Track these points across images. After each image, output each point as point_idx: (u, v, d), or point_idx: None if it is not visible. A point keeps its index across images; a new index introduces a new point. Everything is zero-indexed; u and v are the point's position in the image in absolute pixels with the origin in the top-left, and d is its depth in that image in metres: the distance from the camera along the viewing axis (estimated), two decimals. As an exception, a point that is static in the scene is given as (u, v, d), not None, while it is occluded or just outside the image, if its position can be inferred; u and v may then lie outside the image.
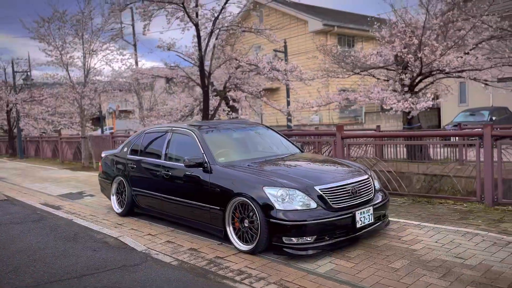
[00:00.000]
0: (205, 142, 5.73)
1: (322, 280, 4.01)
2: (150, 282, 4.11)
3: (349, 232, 4.78)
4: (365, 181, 5.17)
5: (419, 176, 7.50)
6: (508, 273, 3.96)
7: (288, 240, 4.53)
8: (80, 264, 4.73)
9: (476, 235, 5.16)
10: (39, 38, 14.73)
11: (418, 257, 4.49)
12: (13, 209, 8.14)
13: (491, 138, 6.36)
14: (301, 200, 4.61)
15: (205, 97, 10.22)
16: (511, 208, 6.29)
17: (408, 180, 7.57)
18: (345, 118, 27.78)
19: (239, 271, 4.35)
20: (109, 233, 5.98)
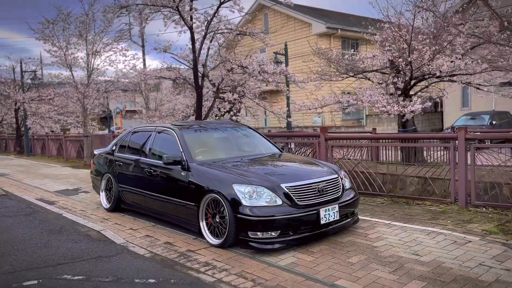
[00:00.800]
0: (185, 141, 6.00)
1: (280, 272, 4.25)
2: (119, 272, 4.38)
3: (313, 228, 5.00)
4: (333, 180, 5.38)
5: (399, 177, 7.68)
6: (456, 269, 4.15)
7: (253, 234, 4.77)
8: (58, 254, 5.02)
9: (440, 234, 5.35)
10: (43, 39, 15.15)
11: (377, 253, 4.70)
12: (9, 203, 8.49)
13: (465, 141, 6.53)
14: (268, 197, 4.85)
15: (198, 99, 10.50)
16: (483, 210, 6.46)
17: (391, 181, 7.75)
18: (348, 120, 27.91)
19: (205, 263, 4.60)
20: (93, 227, 6.27)
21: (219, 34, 11.14)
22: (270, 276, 4.16)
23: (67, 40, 15.79)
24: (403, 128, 13.19)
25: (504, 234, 5.27)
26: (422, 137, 8.30)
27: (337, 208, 5.18)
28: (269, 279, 4.07)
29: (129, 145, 7.18)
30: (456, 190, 6.69)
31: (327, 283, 3.94)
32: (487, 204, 6.47)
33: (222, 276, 4.21)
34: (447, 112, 25.15)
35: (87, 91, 15.97)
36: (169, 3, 9.72)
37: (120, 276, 4.24)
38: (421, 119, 28.46)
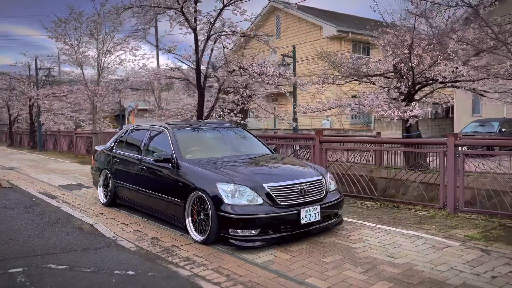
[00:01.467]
0: (176, 139, 6.18)
1: (255, 269, 4.38)
2: (102, 263, 4.57)
3: (294, 228, 5.13)
4: (316, 181, 5.50)
5: (390, 182, 7.74)
6: (426, 272, 4.23)
7: (234, 232, 4.92)
8: (49, 244, 5.24)
9: (421, 238, 5.42)
10: (55, 37, 15.54)
11: (353, 254, 4.80)
12: (12, 195, 8.79)
13: (455, 147, 6.57)
14: (249, 196, 4.99)
15: (200, 99, 10.69)
16: (472, 216, 6.49)
17: (382, 185, 7.82)
18: (357, 124, 27.84)
19: (186, 258, 4.76)
20: (87, 221, 6.49)
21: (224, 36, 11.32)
22: (244, 272, 4.30)
23: (79, 39, 16.14)
24: (407, 133, 13.18)
25: (485, 240, 5.31)
26: (414, 142, 8.33)
27: (319, 209, 5.29)
28: (242, 275, 4.21)
29: (125, 143, 7.40)
30: (445, 196, 6.73)
31: (297, 281, 4.06)
32: (475, 211, 6.50)
33: (199, 270, 4.36)
34: (458, 118, 24.96)
35: (97, 89, 16.31)
36: (173, 4, 9.95)
37: (101, 267, 4.43)
38: (431, 124, 28.30)
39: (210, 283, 4.03)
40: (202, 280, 4.09)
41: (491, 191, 6.44)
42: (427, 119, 28.37)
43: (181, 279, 4.12)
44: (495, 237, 5.44)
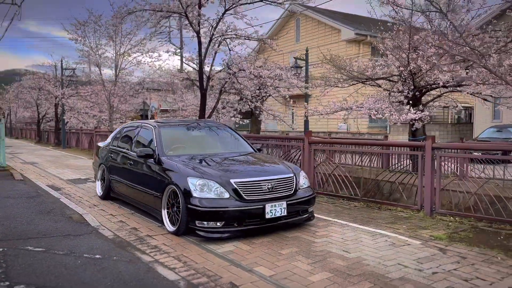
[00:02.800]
0: (160, 137, 6.56)
1: (213, 257, 4.69)
2: (76, 248, 4.98)
3: (259, 222, 5.40)
4: (285, 179, 5.76)
5: (374, 183, 7.87)
6: (371, 265, 4.43)
7: (200, 223, 5.24)
8: (35, 230, 5.71)
9: (385, 236, 5.59)
10: (75, 39, 16.31)
11: (311, 247, 5.04)
12: (21, 187, 9.41)
13: (432, 150, 6.68)
14: (217, 190, 5.31)
15: (202, 99, 11.09)
16: (448, 218, 6.58)
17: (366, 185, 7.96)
18: (374, 127, 27.69)
19: (154, 246, 5.12)
20: (79, 211, 6.96)
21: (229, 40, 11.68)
22: (201, 260, 4.61)
23: (97, 41, 16.88)
24: (413, 137, 13.17)
25: (449, 240, 5.43)
26: (394, 144, 8.43)
27: (285, 205, 5.55)
28: (199, 262, 4.53)
29: (119, 140, 7.86)
30: (422, 197, 6.84)
31: (246, 269, 4.34)
32: (450, 213, 6.58)
33: (161, 257, 4.71)
34: (477, 123, 24.52)
35: (114, 90, 17.00)
36: (178, 9, 10.39)
37: (73, 251, 4.84)
38: (451, 129, 27.81)
39: (166, 268, 4.37)
40: (160, 266, 4.43)
41: (465, 193, 6.51)
42: (447, 124, 27.92)
43: (141, 264, 4.47)
44: (461, 238, 5.55)
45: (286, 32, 32.19)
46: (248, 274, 4.21)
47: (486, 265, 4.52)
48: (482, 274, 4.25)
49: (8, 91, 34.86)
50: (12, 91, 33.30)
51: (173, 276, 4.13)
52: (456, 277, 4.13)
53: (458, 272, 4.27)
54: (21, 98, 33.05)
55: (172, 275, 4.17)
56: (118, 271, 4.23)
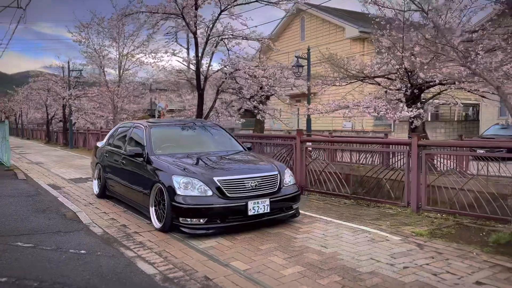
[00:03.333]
0: (150, 136, 6.74)
1: (193, 253, 4.85)
2: (64, 244, 5.18)
3: (242, 219, 5.54)
4: (269, 176, 5.89)
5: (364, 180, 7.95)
6: (344, 260, 4.55)
7: (184, 220, 5.40)
8: (28, 227, 5.93)
9: (366, 232, 5.69)
10: (79, 41, 16.62)
11: (290, 243, 5.16)
12: (22, 186, 9.68)
13: (418, 147, 6.75)
14: (200, 188, 5.46)
15: (200, 99, 11.27)
16: (434, 215, 6.64)
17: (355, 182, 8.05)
18: (379, 125, 27.61)
19: (139, 243, 5.29)
20: (73, 209, 7.17)
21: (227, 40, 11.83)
22: (181, 255, 4.77)
23: (101, 43, 17.16)
24: (413, 134, 13.22)
25: (430, 237, 5.50)
26: (379, 142, 8.48)
27: (268, 202, 5.68)
28: (178, 257, 4.69)
29: (114, 139, 8.06)
30: (409, 194, 6.91)
31: (223, 263, 4.49)
32: (436, 210, 6.65)
33: (143, 253, 4.88)
34: (484, 120, 24.35)
35: (117, 90, 17.28)
36: (175, 10, 10.57)
37: (61, 247, 5.03)
38: (457, 126, 27.63)
39: (146, 262, 4.53)
40: (141, 261, 4.60)
41: (450, 190, 6.56)
42: (453, 121, 27.74)
43: (122, 259, 4.65)
44: (442, 234, 5.62)
45: (291, 31, 32.25)
46: (223, 268, 4.35)
47: (460, 260, 4.60)
48: (453, 268, 4.33)
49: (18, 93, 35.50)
50: (22, 93, 33.92)
51: (151, 270, 4.29)
52: (426, 271, 4.22)
53: (430, 267, 4.36)
54: (31, 99, 33.67)
55: (150, 269, 4.33)
56: (98, 265, 4.41)
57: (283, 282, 3.98)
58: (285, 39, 32.63)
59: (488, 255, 4.74)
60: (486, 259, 4.61)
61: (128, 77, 18.41)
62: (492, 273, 4.22)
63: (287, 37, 32.53)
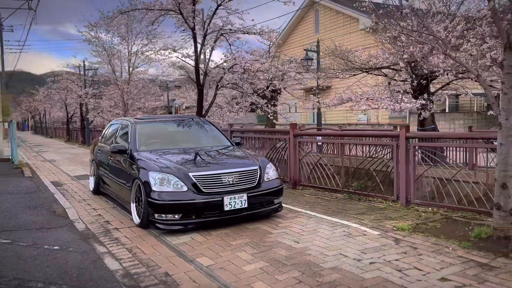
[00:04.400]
0: (135, 132, 6.78)
1: (163, 249, 4.86)
2: (42, 239, 5.27)
3: (219, 214, 5.51)
4: (247, 171, 5.84)
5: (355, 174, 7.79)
6: (312, 255, 4.46)
7: (159, 216, 5.41)
8: (13, 223, 6.06)
9: (345, 227, 5.57)
10: (88, 40, 16.89)
11: (264, 238, 5.11)
12: (25, 183, 9.93)
13: (406, 140, 6.56)
14: (175, 184, 5.46)
15: (200, 94, 11.27)
16: (421, 208, 6.45)
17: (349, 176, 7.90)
18: (396, 118, 27.04)
19: (115, 239, 5.33)
20: (65, 205, 7.31)
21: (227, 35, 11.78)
22: (151, 251, 4.79)
23: (110, 41, 17.39)
24: (421, 127, 12.89)
25: (411, 231, 5.34)
26: (369, 134, 8.27)
27: (246, 197, 5.63)
28: (147, 254, 4.70)
29: (106, 136, 8.16)
30: (398, 188, 6.74)
31: (189, 259, 4.48)
32: (425, 203, 6.46)
33: (115, 248, 4.91)
34: (504, 110, 23.48)
35: (127, 88, 17.49)
36: (173, 6, 10.59)
37: (37, 242, 5.13)
38: (477, 118, 26.77)
39: (113, 258, 4.57)
40: (109, 257, 4.63)
41: (439, 184, 6.35)
42: (473, 112, 26.89)
43: (92, 255, 4.69)
44: (426, 229, 5.44)
45: (305, 23, 31.91)
46: (187, 264, 4.34)
47: (434, 255, 4.44)
48: (422, 264, 4.19)
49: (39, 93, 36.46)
50: (43, 92, 34.82)
51: (115, 266, 4.32)
52: (391, 267, 4.10)
53: (398, 263, 4.23)
54: (52, 98, 34.51)
55: (115, 265, 4.36)
56: (65, 261, 4.46)
57: (241, 278, 3.93)
58: (299, 32, 32.34)
59: (464, 251, 4.57)
60: (461, 255, 4.44)
61: (138, 74, 18.61)
62: (462, 269, 4.06)
63: (301, 30, 32.23)
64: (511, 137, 4.73)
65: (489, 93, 5.01)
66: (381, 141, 8.00)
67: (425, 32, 6.21)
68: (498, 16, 4.76)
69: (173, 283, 3.87)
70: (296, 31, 32.55)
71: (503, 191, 4.77)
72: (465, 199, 6.04)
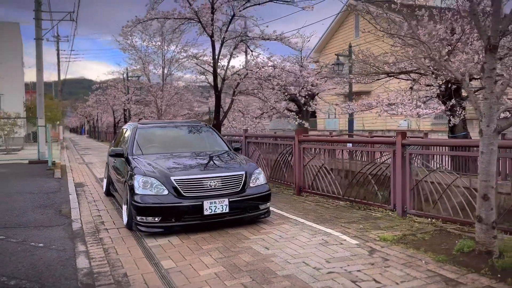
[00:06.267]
0: (134, 137, 7.04)
1: (136, 250, 5.00)
2: (33, 237, 5.60)
3: (199, 218, 5.58)
4: (232, 176, 5.88)
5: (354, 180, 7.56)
6: (274, 262, 4.41)
7: (141, 218, 5.57)
8: (17, 221, 6.48)
9: (325, 235, 5.45)
10: (123, 49, 17.67)
11: (237, 244, 5.11)
12: (50, 184, 10.53)
13: (402, 147, 6.31)
14: (157, 187, 5.61)
15: (217, 101, 11.43)
16: (417, 219, 6.17)
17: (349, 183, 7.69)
18: (438, 124, 25.90)
19: (99, 239, 5.56)
20: (73, 206, 7.69)
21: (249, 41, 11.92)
22: (125, 252, 4.94)
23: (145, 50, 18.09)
24: (452, 133, 12.30)
25: (392, 242, 5.11)
26: (366, 141, 7.97)
27: (227, 202, 5.66)
28: (120, 254, 4.86)
29: (116, 139, 8.51)
30: (395, 197, 6.49)
31: (154, 261, 4.59)
32: (420, 214, 6.17)
33: (93, 248, 5.12)
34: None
35: (161, 94, 18.09)
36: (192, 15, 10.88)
37: (26, 240, 5.46)
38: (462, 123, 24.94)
39: (86, 257, 4.76)
40: (83, 256, 4.82)
41: (435, 194, 6.04)
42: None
43: (69, 253, 4.93)
44: (411, 240, 5.21)
45: (345, 28, 31.44)
46: (149, 266, 4.44)
47: (401, 268, 4.25)
48: (383, 276, 4.03)
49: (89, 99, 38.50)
50: (91, 98, 36.74)
51: (83, 265, 4.50)
52: (347, 278, 3.97)
53: (358, 273, 4.09)
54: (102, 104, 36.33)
55: (84, 263, 4.55)
56: (40, 258, 4.72)
57: (192, 282, 3.97)
58: (340, 37, 31.90)
59: (437, 264, 4.33)
60: (431, 269, 4.22)
61: (172, 81, 19.21)
62: (424, 283, 3.86)
63: (341, 34, 31.79)
64: (492, 145, 4.43)
65: (472, 99, 4.72)
66: (376, 148, 7.73)
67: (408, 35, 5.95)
68: (478, 17, 4.49)
69: (126, 283, 3.98)
70: (336, 35, 32.19)
71: (484, 203, 4.48)
72: (460, 211, 5.71)
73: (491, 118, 4.46)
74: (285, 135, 10.45)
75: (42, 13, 17.01)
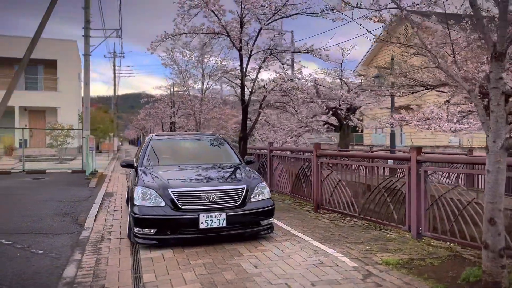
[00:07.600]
0: (147, 148, 7.12)
1: (126, 262, 4.98)
2: (37, 244, 5.75)
3: (195, 231, 5.48)
4: (231, 190, 5.74)
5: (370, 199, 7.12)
6: (256, 281, 4.19)
7: (137, 230, 5.55)
8: (31, 227, 6.71)
9: (323, 255, 5.15)
10: (165, 64, 18.20)
11: (227, 260, 4.94)
12: (82, 193, 10.89)
13: (417, 164, 5.88)
14: (154, 199, 5.58)
15: (244, 114, 11.36)
16: (437, 243, 5.69)
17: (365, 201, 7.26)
18: (493, 141, 24.19)
19: (98, 248, 5.61)
20: (91, 214, 7.87)
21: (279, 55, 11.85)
22: (115, 263, 4.94)
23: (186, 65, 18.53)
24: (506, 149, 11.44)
25: (394, 267, 4.72)
26: (380, 156, 7.45)
27: (224, 216, 5.52)
28: (109, 265, 4.87)
29: (138, 150, 8.67)
30: (409, 218, 6.03)
31: (137, 274, 4.53)
32: (435, 237, 5.68)
33: (87, 258, 5.16)
34: None
35: (198, 108, 18.40)
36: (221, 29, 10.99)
37: (30, 246, 5.61)
38: None
39: (76, 266, 4.81)
40: (74, 264, 4.87)
41: (451, 216, 5.52)
42: None
43: (62, 261, 5.00)
44: (417, 266, 4.79)
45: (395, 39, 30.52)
46: (130, 279, 4.38)
47: (392, 295, 3.89)
48: (367, 304, 3.69)
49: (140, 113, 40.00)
50: (142, 112, 38.15)
51: (69, 274, 4.54)
52: (325, 304, 3.68)
53: (340, 299, 3.79)
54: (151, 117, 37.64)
55: (71, 273, 4.58)
56: (32, 265, 4.82)
57: (163, 297, 3.86)
58: (389, 48, 30.99)
59: (433, 294, 3.92)
60: (424, 298, 3.82)
61: (211, 95, 19.47)
62: (409, 314, 3.48)
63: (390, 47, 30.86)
64: (499, 163, 3.97)
65: (480, 111, 4.28)
66: (391, 165, 7.24)
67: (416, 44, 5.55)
68: (483, 24, 4.10)
69: (100, 295, 3.94)
70: (385, 47, 31.28)
71: (491, 228, 4.01)
72: (477, 235, 5.18)
73: (497, 133, 4.02)
74: (305, 149, 10.15)
75: (90, 31, 17.93)
